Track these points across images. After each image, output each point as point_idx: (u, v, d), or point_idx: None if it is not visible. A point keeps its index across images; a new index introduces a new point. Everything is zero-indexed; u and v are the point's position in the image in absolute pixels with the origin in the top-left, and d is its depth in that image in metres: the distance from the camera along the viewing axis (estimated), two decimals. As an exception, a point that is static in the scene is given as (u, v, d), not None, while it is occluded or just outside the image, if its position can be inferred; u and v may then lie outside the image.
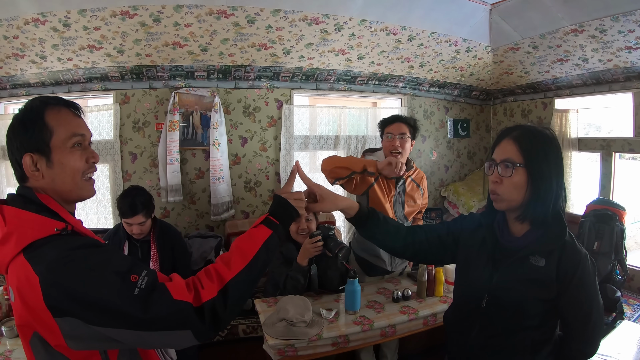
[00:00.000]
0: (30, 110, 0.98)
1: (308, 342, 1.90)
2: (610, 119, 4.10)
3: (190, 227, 3.48)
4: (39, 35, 2.62)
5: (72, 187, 1.00)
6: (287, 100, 3.63)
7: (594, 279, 1.23)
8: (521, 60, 3.64)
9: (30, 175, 0.96)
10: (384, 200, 2.46)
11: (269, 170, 3.66)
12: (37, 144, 0.95)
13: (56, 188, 0.98)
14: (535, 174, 1.21)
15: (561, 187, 1.24)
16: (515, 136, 1.26)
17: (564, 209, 1.27)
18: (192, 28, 2.76)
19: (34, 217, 0.90)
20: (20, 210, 0.91)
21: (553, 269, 1.20)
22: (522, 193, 1.22)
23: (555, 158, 1.23)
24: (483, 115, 4.72)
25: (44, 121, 0.96)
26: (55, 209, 0.95)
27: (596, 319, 1.24)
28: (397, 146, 2.41)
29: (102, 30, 2.65)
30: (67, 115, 1.01)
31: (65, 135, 0.98)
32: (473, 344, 1.37)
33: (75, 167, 1.00)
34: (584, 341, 1.26)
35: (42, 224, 0.90)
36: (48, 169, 0.96)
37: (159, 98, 3.29)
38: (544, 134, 1.26)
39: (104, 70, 3.07)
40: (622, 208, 3.01)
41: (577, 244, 1.24)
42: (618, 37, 2.85)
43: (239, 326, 2.74)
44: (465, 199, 4.09)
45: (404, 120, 2.48)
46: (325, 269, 2.43)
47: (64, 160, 0.98)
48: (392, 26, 3.10)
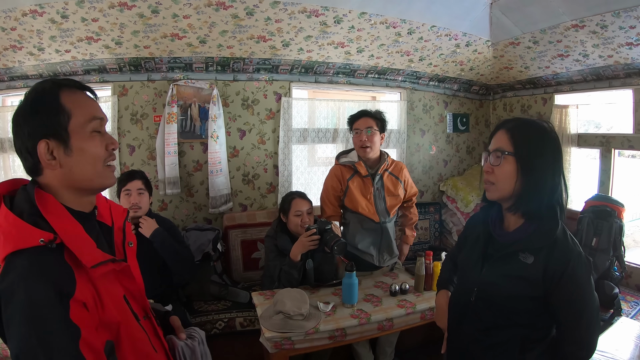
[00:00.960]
0: (42, 92, 0.88)
1: (305, 335, 1.92)
2: (609, 115, 4.08)
3: (188, 219, 3.48)
4: (37, 27, 2.60)
5: (93, 176, 0.93)
6: (286, 93, 3.61)
7: (586, 279, 1.20)
8: (521, 55, 3.62)
9: (46, 164, 0.87)
10: (360, 197, 2.53)
11: (267, 163, 3.65)
12: (53, 128, 0.86)
13: (74, 178, 0.90)
14: (524, 163, 1.20)
15: (558, 181, 1.22)
16: (509, 127, 1.27)
17: (563, 204, 1.24)
18: (190, 20, 2.74)
19: (20, 223, 0.82)
20: (9, 213, 0.83)
21: (541, 267, 1.19)
22: (512, 183, 1.22)
23: (551, 150, 1.22)
24: (482, 110, 4.70)
25: (59, 103, 0.87)
26: (52, 214, 0.85)
27: (589, 321, 1.20)
28: (365, 141, 2.48)
29: (100, 21, 2.63)
30: (83, 97, 0.93)
31: (84, 119, 0.90)
32: (465, 338, 1.38)
33: (97, 153, 0.92)
34: (576, 343, 1.22)
35: (27, 233, 0.81)
36: (66, 156, 0.88)
37: (157, 90, 3.28)
38: (538, 125, 1.26)
39: (102, 62, 3.05)
40: (621, 205, 3.01)
41: (570, 241, 1.21)
42: (619, 33, 2.83)
43: (236, 319, 2.74)
44: (463, 193, 4.09)
45: (370, 114, 2.54)
46: (322, 262, 2.44)
47: (84, 146, 0.90)
48: (392, 19, 3.08)
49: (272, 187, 3.68)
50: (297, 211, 2.47)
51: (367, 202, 2.53)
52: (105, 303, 0.87)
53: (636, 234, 4.44)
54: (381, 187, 2.58)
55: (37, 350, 0.74)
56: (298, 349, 1.95)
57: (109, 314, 0.87)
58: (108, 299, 0.88)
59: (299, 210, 2.47)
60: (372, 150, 2.50)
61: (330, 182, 2.62)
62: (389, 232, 2.63)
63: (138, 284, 1.03)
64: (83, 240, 0.87)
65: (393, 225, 2.70)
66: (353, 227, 2.59)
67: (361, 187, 2.55)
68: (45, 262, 0.80)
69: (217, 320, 2.72)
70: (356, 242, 2.57)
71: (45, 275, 0.79)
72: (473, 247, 1.39)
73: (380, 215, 2.55)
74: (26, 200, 0.85)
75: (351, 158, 2.58)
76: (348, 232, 2.62)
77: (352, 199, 2.54)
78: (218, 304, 2.92)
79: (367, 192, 2.54)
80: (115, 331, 0.89)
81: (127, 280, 0.99)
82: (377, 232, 2.58)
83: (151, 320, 1.06)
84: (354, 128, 2.55)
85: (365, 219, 2.54)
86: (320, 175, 3.99)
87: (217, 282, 3.08)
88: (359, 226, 2.57)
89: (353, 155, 2.60)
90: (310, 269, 2.35)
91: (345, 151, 2.70)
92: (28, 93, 0.89)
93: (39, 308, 0.76)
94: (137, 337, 0.95)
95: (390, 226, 2.65)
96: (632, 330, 2.19)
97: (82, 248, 0.85)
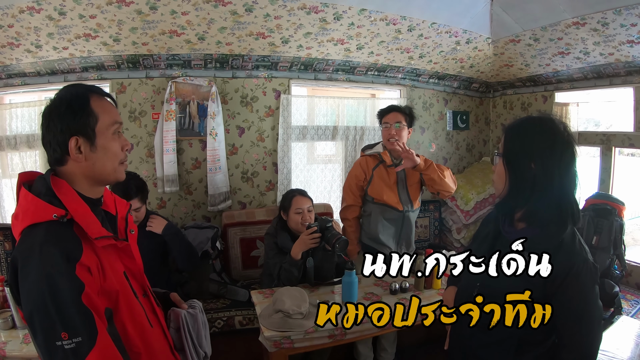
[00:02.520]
0: (77, 96, 1.04)
1: (304, 333, 1.90)
2: (609, 113, 4.07)
3: (186, 217, 3.46)
4: (34, 24, 2.58)
5: (110, 171, 1.08)
6: (285, 90, 3.59)
7: (590, 287, 1.17)
8: (522, 52, 3.60)
9: (74, 157, 1.02)
10: (384, 185, 2.61)
11: (267, 160, 3.63)
12: (83, 128, 1.02)
13: (95, 170, 1.05)
14: (507, 161, 1.21)
15: (548, 176, 1.16)
16: (506, 128, 1.27)
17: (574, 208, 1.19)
18: (188, 16, 2.72)
19: (37, 201, 0.97)
20: (28, 193, 0.99)
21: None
22: (502, 182, 1.23)
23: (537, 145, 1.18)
24: (482, 108, 4.68)
25: (90, 107, 1.03)
26: (65, 195, 1.00)
27: (588, 329, 1.17)
28: (394, 134, 2.55)
29: (97, 18, 2.61)
30: (108, 104, 1.09)
31: (108, 122, 1.06)
32: (464, 334, 1.37)
33: (117, 152, 1.08)
34: (574, 351, 1.18)
35: (42, 209, 0.96)
36: (91, 152, 1.03)
37: (155, 87, 3.25)
38: (529, 122, 1.24)
39: (100, 59, 3.02)
40: (622, 203, 3.01)
41: (578, 246, 1.18)
42: (620, 31, 2.82)
43: (235, 317, 2.74)
44: (463, 191, 4.07)
45: (400, 109, 2.62)
46: (322, 260, 2.43)
47: (107, 145, 1.06)
48: (392, 16, 3.06)
49: (271, 185, 3.67)
50: (298, 209, 2.46)
51: (391, 190, 2.61)
52: (107, 273, 1.00)
53: (635, 232, 4.45)
54: (404, 177, 2.64)
55: (47, 301, 0.87)
56: (297, 348, 1.94)
57: (109, 283, 1.01)
58: (110, 270, 1.02)
59: (300, 207, 2.46)
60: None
61: (354, 171, 2.72)
62: (411, 223, 2.68)
63: (137, 264, 1.16)
64: (89, 217, 1.01)
65: (415, 217, 2.73)
66: (374, 217, 2.63)
67: (385, 177, 2.62)
68: (58, 232, 0.95)
69: (216, 319, 2.72)
70: (377, 232, 2.62)
71: (57, 242, 0.93)
72: (482, 243, 1.40)
73: (404, 204, 2.62)
74: (42, 184, 1.00)
75: (376, 149, 2.68)
76: (370, 223, 2.66)
77: (376, 187, 2.61)
78: (217, 303, 2.91)
79: (391, 181, 2.62)
80: (115, 300, 1.02)
81: (127, 259, 1.12)
82: (398, 222, 2.63)
83: (149, 298, 1.19)
84: (383, 122, 2.63)
85: (387, 208, 2.60)
86: (319, 173, 3.98)
87: (216, 281, 3.07)
88: (380, 217, 2.62)
89: (378, 147, 2.69)
90: (310, 268, 2.34)
91: (370, 145, 2.79)
92: (62, 94, 1.05)
93: (51, 266, 0.89)
94: (135, 310, 1.08)
95: (413, 216, 2.69)
96: (632, 329, 2.19)
97: (89, 224, 0.99)
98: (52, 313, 0.86)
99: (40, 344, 0.88)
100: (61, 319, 0.87)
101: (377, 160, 2.64)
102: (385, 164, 2.61)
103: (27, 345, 1.82)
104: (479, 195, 4.04)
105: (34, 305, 0.88)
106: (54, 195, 0.98)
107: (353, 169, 2.75)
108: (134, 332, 1.05)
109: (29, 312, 0.88)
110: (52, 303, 0.87)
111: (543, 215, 1.19)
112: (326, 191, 4.00)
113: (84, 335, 0.88)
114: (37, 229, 0.94)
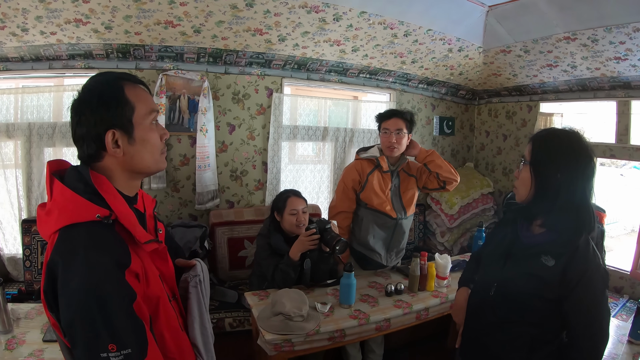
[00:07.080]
0: (108, 85, 0.95)
1: (305, 336, 1.88)
2: (590, 125, 4.22)
3: (172, 215, 3.36)
4: (22, 5, 2.42)
5: (150, 163, 1.01)
6: (278, 89, 3.55)
7: (601, 291, 1.25)
8: (511, 62, 3.69)
9: (111, 152, 0.94)
10: (379, 191, 2.54)
11: (256, 159, 3.57)
12: (119, 120, 0.94)
13: (134, 164, 0.98)
14: (535, 170, 1.28)
15: (572, 186, 1.23)
16: (534, 137, 1.35)
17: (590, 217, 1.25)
18: (187, 7, 2.64)
19: (78, 199, 0.88)
20: (66, 189, 0.89)
21: (560, 272, 1.23)
22: (527, 189, 1.30)
23: (567, 160, 1.25)
24: (467, 114, 4.78)
25: (125, 97, 0.95)
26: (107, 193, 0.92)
27: (597, 332, 1.25)
28: (394, 142, 2.48)
29: (91, 3, 2.48)
30: (143, 91, 1.01)
31: (145, 111, 0.98)
32: (479, 330, 1.44)
33: (156, 143, 1.01)
34: (583, 352, 1.26)
35: (84, 207, 0.88)
36: (129, 145, 0.96)
37: (145, 79, 3.07)
38: (557, 135, 1.32)
39: (89, 47, 2.88)
40: (603, 210, 3.11)
41: (591, 253, 1.24)
42: (608, 48, 2.92)
43: (225, 319, 2.67)
44: (448, 195, 4.13)
45: (401, 115, 2.52)
46: (318, 262, 2.41)
47: (146, 137, 0.98)
48: (391, 20, 3.07)
49: (260, 184, 3.61)
50: (293, 210, 2.42)
51: (385, 197, 2.54)
52: (149, 278, 0.95)
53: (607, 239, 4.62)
54: (398, 185, 2.61)
55: (93, 310, 0.80)
56: (298, 351, 1.91)
57: (152, 289, 0.95)
58: (151, 275, 0.96)
59: (295, 208, 2.43)
60: (399, 151, 2.52)
61: (350, 175, 2.59)
62: (403, 230, 2.64)
63: (170, 267, 1.11)
64: (133, 219, 0.94)
65: (409, 224, 2.70)
66: (366, 223, 2.57)
67: (380, 182, 2.55)
68: (102, 235, 0.88)
69: (204, 320, 2.64)
70: (367, 239, 2.57)
71: (104, 246, 0.86)
72: (499, 245, 1.45)
73: (397, 212, 2.57)
74: (79, 179, 0.91)
75: (372, 153, 2.58)
76: (361, 229, 2.59)
77: (370, 192, 2.53)
78: (205, 303, 2.83)
79: (386, 187, 2.56)
80: (155, 306, 0.96)
81: (160, 262, 1.05)
82: (390, 229, 2.58)
83: (178, 301, 1.14)
84: (382, 127, 2.52)
85: (380, 215, 2.55)
86: (308, 174, 3.95)
87: (203, 281, 2.99)
88: (372, 223, 2.56)
89: (374, 151, 2.59)
90: (307, 269, 2.31)
91: (365, 148, 2.71)
92: (91, 85, 0.95)
93: (98, 274, 0.82)
94: (170, 315, 1.02)
95: (406, 223, 2.65)
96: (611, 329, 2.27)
97: (135, 226, 0.93)
98: (98, 323, 0.80)
99: (79, 355, 0.82)
100: (109, 329, 0.81)
101: (373, 164, 2.55)
102: (381, 169, 2.54)
103: (11, 352, 1.66)
104: (463, 199, 4.12)
105: (76, 314, 0.81)
106: (95, 192, 0.90)
107: (348, 172, 2.62)
108: (170, 338, 1.00)
109: (70, 321, 0.81)
110: (100, 312, 0.80)
111: (563, 222, 1.25)
112: (315, 192, 3.97)
113: (134, 346, 0.83)
114: (76, 230, 0.86)
